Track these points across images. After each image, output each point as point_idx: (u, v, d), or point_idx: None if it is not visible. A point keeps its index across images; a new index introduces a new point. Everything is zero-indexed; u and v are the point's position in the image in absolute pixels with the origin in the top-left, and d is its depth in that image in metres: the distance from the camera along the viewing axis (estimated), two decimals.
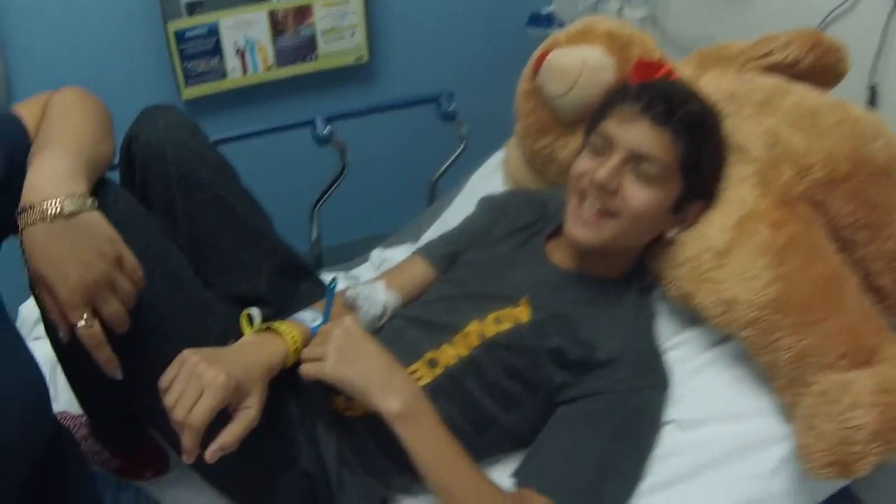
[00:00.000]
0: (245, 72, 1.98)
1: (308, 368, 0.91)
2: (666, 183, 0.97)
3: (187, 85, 1.93)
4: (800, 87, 1.07)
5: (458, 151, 1.75)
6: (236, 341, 0.94)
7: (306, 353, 0.94)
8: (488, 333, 1.01)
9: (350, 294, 1.09)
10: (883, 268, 0.97)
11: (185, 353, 0.84)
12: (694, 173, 0.98)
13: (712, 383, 1.02)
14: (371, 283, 1.13)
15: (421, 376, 1.00)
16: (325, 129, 1.58)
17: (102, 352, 0.78)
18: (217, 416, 0.81)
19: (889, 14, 1.23)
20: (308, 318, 1.01)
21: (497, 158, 1.55)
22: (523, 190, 1.37)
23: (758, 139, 1.03)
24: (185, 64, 1.90)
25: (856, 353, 0.90)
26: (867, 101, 1.29)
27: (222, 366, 0.83)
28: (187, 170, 1.01)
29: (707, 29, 1.64)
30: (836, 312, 0.91)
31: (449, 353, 1.01)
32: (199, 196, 1.03)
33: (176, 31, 1.86)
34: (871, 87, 1.29)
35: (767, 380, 0.97)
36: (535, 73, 1.22)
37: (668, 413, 1.00)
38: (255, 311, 0.98)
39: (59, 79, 1.00)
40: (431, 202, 1.77)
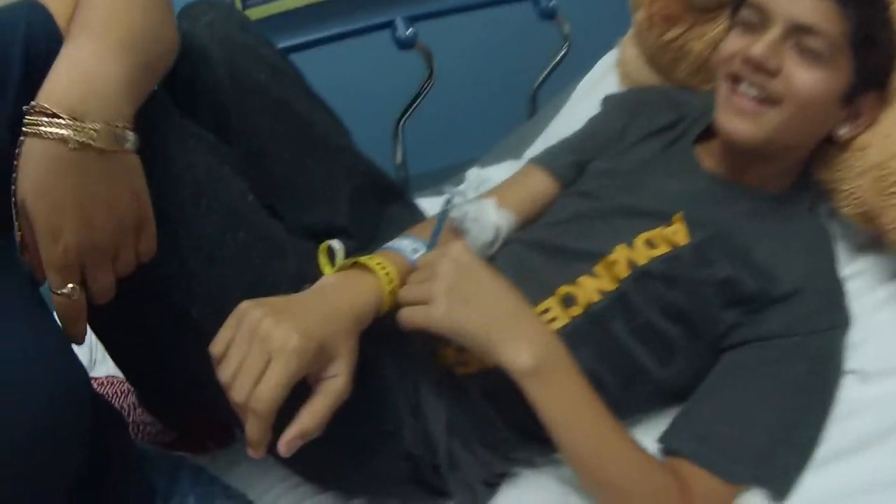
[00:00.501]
0: None
1: (411, 315, 0.81)
2: (835, 63, 0.88)
3: (245, 7, 1.91)
4: None
5: (561, 55, 1.71)
6: (312, 285, 0.81)
7: (406, 294, 0.83)
8: (640, 261, 0.91)
9: (454, 215, 0.99)
10: None
11: (244, 306, 0.71)
12: (867, 52, 0.90)
13: None
14: (478, 201, 1.03)
15: (554, 317, 0.91)
16: (408, 31, 1.49)
17: (76, 326, 0.65)
18: (292, 388, 0.67)
19: None
20: (407, 247, 0.90)
21: (608, 61, 1.46)
22: (656, 86, 1.27)
23: None
24: None
25: None
26: None
27: (295, 321, 0.70)
28: (239, 72, 0.92)
29: None
30: None
31: (589, 288, 0.91)
32: (257, 103, 0.94)
33: None
34: None
35: None
36: None
37: (848, 362, 0.91)
38: (336, 244, 0.85)
39: None
40: (532, 115, 1.72)
